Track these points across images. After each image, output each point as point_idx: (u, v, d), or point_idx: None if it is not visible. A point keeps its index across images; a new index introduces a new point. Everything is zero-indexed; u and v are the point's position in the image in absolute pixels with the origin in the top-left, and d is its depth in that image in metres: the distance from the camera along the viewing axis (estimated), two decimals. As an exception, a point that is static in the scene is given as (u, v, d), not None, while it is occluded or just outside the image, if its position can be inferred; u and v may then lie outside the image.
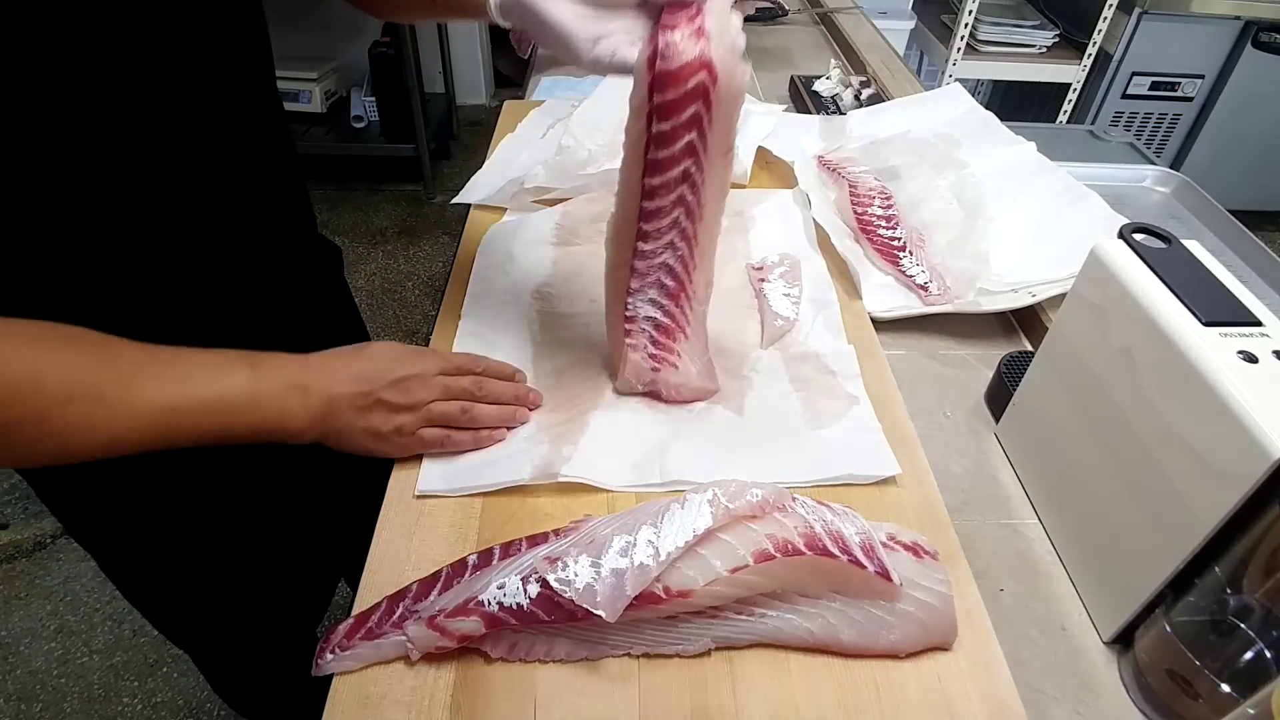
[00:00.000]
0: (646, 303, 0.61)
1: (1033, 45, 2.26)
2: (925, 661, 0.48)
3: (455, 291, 0.75)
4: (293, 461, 0.69)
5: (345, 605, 1.28)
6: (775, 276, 0.76)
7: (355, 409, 0.54)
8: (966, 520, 0.60)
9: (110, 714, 1.34)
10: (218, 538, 0.71)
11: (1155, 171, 1.08)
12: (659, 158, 0.52)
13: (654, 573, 0.45)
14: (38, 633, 1.44)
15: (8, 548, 1.57)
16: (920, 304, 0.77)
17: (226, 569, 0.74)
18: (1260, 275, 0.88)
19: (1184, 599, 0.46)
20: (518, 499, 0.57)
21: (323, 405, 0.52)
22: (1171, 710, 0.47)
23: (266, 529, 0.75)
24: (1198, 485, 0.44)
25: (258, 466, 0.66)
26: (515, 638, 0.47)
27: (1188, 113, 2.33)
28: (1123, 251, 0.52)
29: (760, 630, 0.48)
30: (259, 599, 0.79)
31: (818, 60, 1.38)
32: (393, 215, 2.64)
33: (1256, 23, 2.15)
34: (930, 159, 0.94)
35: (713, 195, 0.56)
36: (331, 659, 0.47)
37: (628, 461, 0.59)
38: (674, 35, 0.47)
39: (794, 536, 0.47)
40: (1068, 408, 0.57)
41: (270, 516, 0.74)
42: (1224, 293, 0.49)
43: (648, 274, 0.59)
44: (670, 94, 0.49)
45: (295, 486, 0.75)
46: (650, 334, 0.61)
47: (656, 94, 0.49)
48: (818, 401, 0.64)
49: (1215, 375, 0.43)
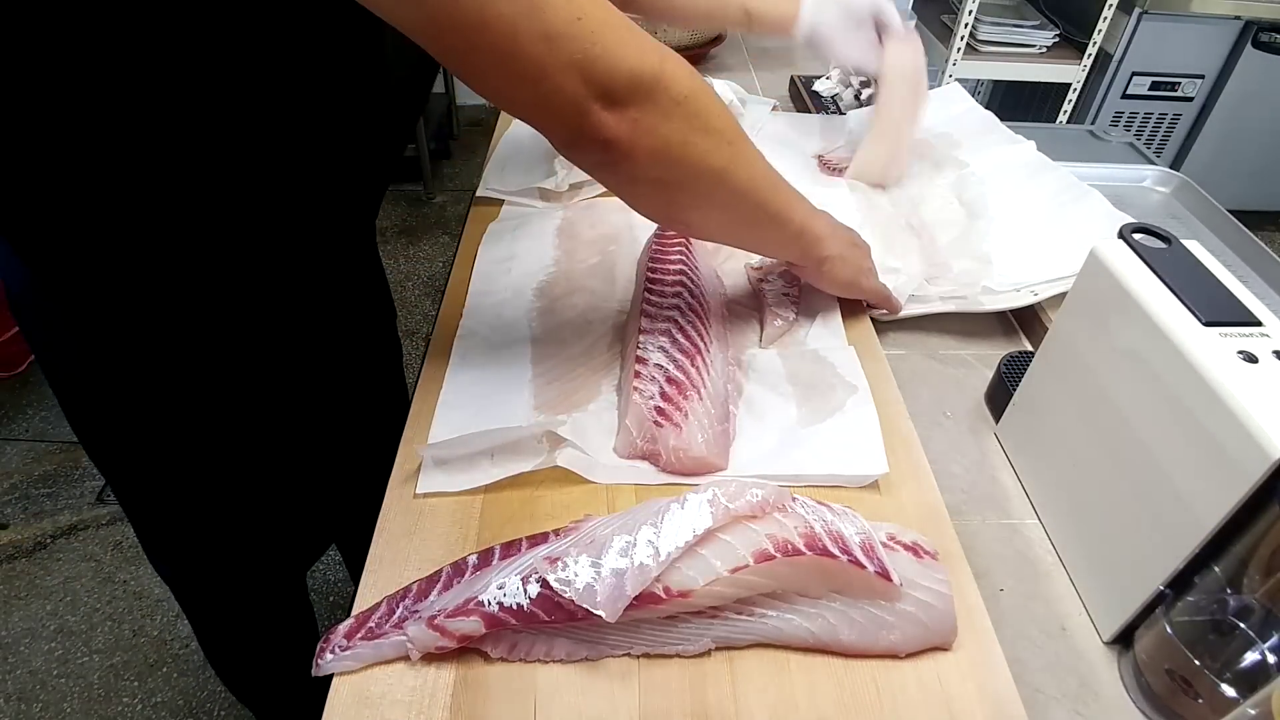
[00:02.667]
0: (657, 350, 0.61)
1: (1033, 45, 2.26)
2: (925, 661, 0.48)
3: (456, 290, 0.75)
4: (311, 399, 0.74)
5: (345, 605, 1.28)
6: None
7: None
8: (966, 520, 0.60)
9: (110, 714, 1.34)
10: (226, 455, 0.72)
11: (1155, 171, 1.08)
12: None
13: (654, 573, 0.45)
14: (38, 633, 1.44)
15: (8, 548, 1.57)
16: (922, 303, 0.77)
17: (231, 488, 0.75)
18: (1260, 275, 0.88)
19: (1184, 599, 0.46)
20: (518, 499, 0.57)
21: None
22: (1171, 710, 0.47)
23: (275, 455, 0.76)
24: (1198, 485, 0.44)
25: (279, 393, 0.70)
26: (515, 638, 0.47)
27: (1188, 113, 2.33)
28: (1123, 251, 0.52)
29: (760, 630, 0.48)
30: (255, 528, 0.81)
31: (818, 60, 1.37)
32: (393, 215, 2.64)
33: (1256, 23, 2.14)
34: (930, 159, 0.94)
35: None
36: (331, 659, 0.47)
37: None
38: None
39: (794, 536, 0.47)
40: (1068, 408, 0.57)
41: (280, 446, 0.76)
42: (1224, 293, 0.49)
43: (658, 318, 0.64)
44: None
45: (310, 422, 0.77)
46: (660, 384, 0.60)
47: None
48: (816, 401, 0.64)
49: (1215, 375, 0.43)
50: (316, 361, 0.74)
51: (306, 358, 0.72)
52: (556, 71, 0.46)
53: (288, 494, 0.80)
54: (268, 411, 0.71)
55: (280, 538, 0.85)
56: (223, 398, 0.67)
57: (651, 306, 0.66)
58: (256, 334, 0.66)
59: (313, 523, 0.90)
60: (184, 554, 0.82)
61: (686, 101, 0.51)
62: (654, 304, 0.66)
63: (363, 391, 0.87)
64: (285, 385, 0.71)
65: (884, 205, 0.89)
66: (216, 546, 0.80)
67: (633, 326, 0.66)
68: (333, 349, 0.76)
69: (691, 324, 0.64)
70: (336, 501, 0.89)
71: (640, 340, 0.63)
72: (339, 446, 0.83)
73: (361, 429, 0.86)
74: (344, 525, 0.99)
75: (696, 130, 0.52)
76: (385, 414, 0.90)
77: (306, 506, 0.85)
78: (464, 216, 0.87)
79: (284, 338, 0.69)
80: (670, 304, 0.66)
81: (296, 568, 0.93)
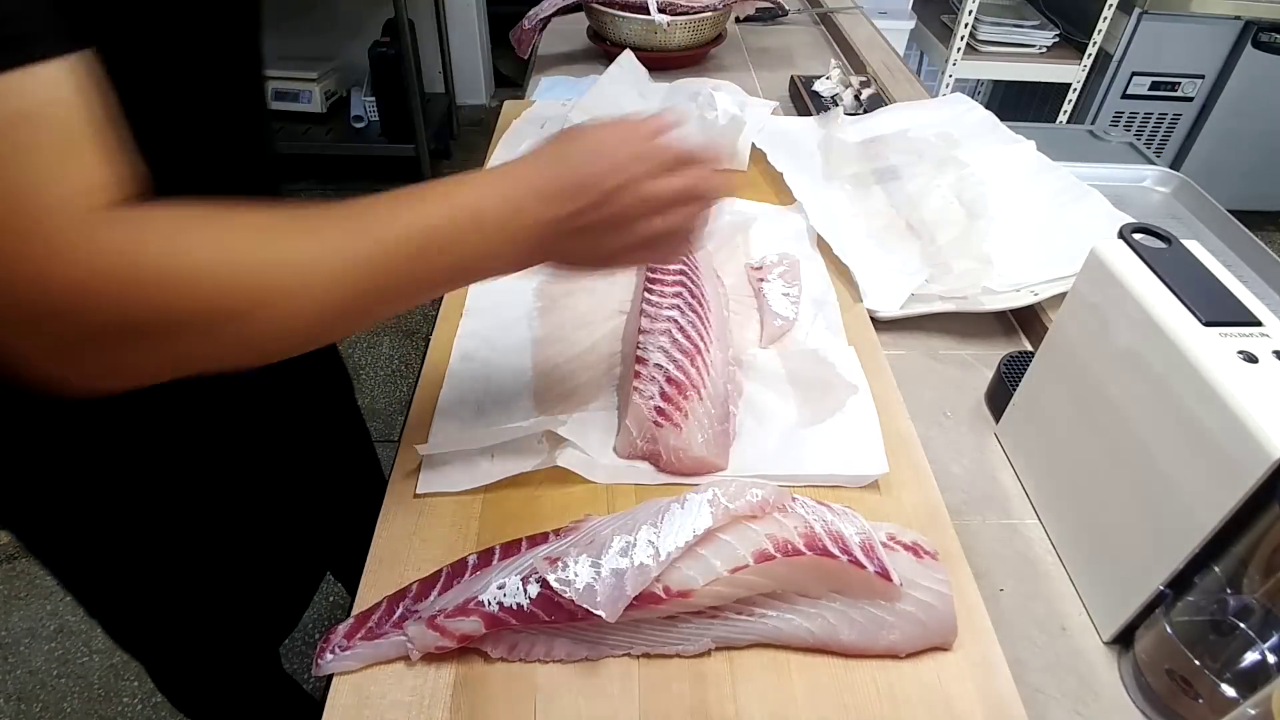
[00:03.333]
0: (657, 350, 0.61)
1: (1033, 45, 2.26)
2: (925, 661, 0.48)
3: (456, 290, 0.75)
4: (281, 461, 0.70)
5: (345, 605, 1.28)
6: (774, 276, 0.76)
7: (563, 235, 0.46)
8: (966, 520, 0.60)
9: (110, 714, 1.34)
10: (190, 538, 0.67)
11: (1155, 171, 1.08)
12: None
13: (654, 573, 0.45)
14: (38, 633, 1.44)
15: (8, 547, 1.56)
16: (922, 303, 0.77)
17: (199, 570, 0.70)
18: (1260, 275, 0.88)
19: (1184, 599, 0.46)
20: (518, 499, 0.57)
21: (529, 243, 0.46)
22: (1171, 710, 0.47)
23: (244, 533, 0.72)
24: (1198, 485, 0.44)
25: (241, 462, 0.66)
26: (515, 638, 0.47)
27: (1188, 113, 2.33)
28: (1123, 251, 0.52)
29: (760, 630, 0.48)
30: (227, 610, 0.75)
31: (818, 60, 1.38)
32: (393, 215, 2.63)
33: (1256, 23, 2.14)
34: (930, 158, 0.94)
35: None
36: (331, 659, 0.47)
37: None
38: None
39: (794, 536, 0.47)
40: (1068, 408, 0.57)
41: (249, 521, 0.72)
42: (1224, 293, 0.49)
43: (658, 318, 0.63)
44: None
45: (280, 489, 0.74)
46: (660, 384, 0.60)
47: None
48: (816, 401, 0.64)
49: (1215, 375, 0.43)
50: (273, 440, 0.70)
51: (262, 438, 0.68)
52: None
53: (250, 572, 0.75)
54: (223, 495, 0.66)
55: (245, 617, 0.79)
56: (173, 483, 0.62)
57: (651, 306, 0.66)
58: (208, 417, 0.61)
59: (280, 599, 0.84)
60: (149, 639, 0.76)
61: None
62: (654, 304, 0.66)
63: (325, 465, 0.82)
64: (240, 469, 0.67)
65: (883, 205, 0.89)
66: (179, 631, 0.74)
67: (633, 326, 0.66)
68: (288, 424, 0.72)
69: (691, 324, 0.64)
70: (305, 578, 0.85)
71: (640, 340, 0.63)
72: (301, 529, 0.79)
73: (325, 505, 0.81)
74: (338, 562, 0.95)
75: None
76: (357, 485, 0.86)
77: (272, 582, 0.80)
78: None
79: (234, 415, 0.64)
80: (670, 304, 0.66)
81: (266, 644, 0.88)
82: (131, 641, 0.76)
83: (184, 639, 0.76)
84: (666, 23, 1.21)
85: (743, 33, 1.47)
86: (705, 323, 0.66)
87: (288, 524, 0.77)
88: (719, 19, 1.28)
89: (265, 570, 0.77)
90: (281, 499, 0.74)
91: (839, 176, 0.93)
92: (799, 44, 1.46)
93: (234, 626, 0.78)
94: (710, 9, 1.24)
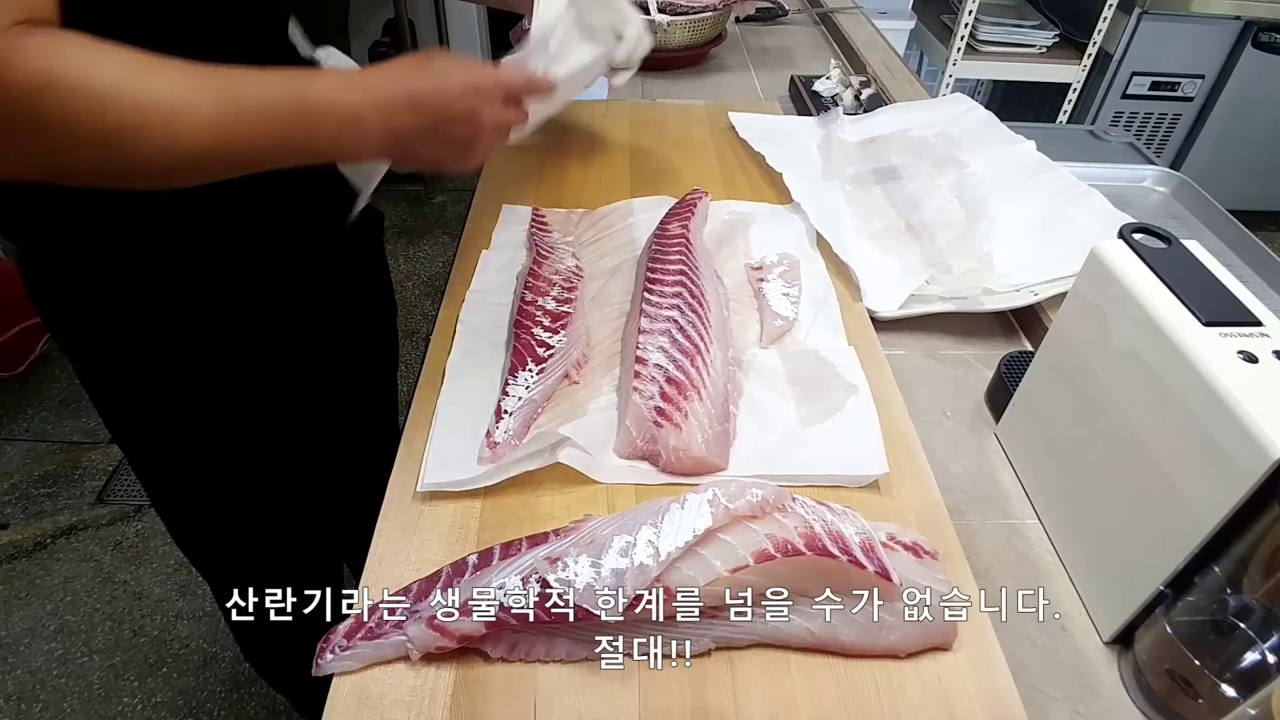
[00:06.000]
0: (657, 350, 0.61)
1: (1033, 45, 2.26)
2: (925, 661, 0.48)
3: (456, 290, 0.75)
4: (315, 386, 0.77)
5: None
6: (774, 276, 0.76)
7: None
8: (966, 520, 0.60)
9: (110, 714, 1.34)
10: (237, 435, 0.74)
11: (1155, 171, 1.08)
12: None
13: (654, 573, 0.45)
14: (38, 633, 1.44)
15: (8, 548, 1.56)
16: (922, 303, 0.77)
17: (244, 466, 0.77)
18: (1260, 275, 0.88)
19: (1184, 599, 0.46)
20: (518, 499, 0.57)
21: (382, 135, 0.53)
22: (1171, 710, 0.47)
23: (298, 457, 0.79)
24: (1198, 485, 0.44)
25: (285, 382, 0.73)
26: (515, 638, 0.47)
27: (1188, 113, 2.33)
28: (1123, 251, 0.52)
29: (760, 630, 0.48)
30: (285, 522, 0.83)
31: (818, 60, 1.38)
32: (392, 215, 2.64)
33: (1256, 23, 2.14)
34: (930, 158, 0.94)
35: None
36: (331, 659, 0.47)
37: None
38: None
39: (794, 536, 0.47)
40: (1068, 408, 0.57)
41: (286, 431, 0.77)
42: (1224, 293, 0.49)
43: (658, 318, 0.64)
44: None
45: (313, 408, 0.79)
46: (660, 384, 0.60)
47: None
48: (816, 401, 0.64)
49: (1215, 375, 0.43)
50: (322, 349, 0.75)
51: (312, 345, 0.74)
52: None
53: (297, 478, 0.81)
54: (274, 397, 0.73)
55: (298, 519, 0.86)
56: (233, 383, 0.69)
57: (651, 306, 0.66)
58: (264, 323, 0.67)
59: (323, 514, 0.91)
60: (212, 539, 0.83)
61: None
62: (654, 304, 0.66)
63: (361, 382, 0.89)
64: (290, 374, 0.73)
65: (883, 205, 0.89)
66: (241, 528, 0.81)
67: (633, 326, 0.66)
68: (337, 338, 0.78)
69: (691, 324, 0.64)
70: (341, 492, 0.90)
71: (640, 340, 0.63)
72: (339, 434, 0.85)
73: (358, 422, 0.88)
74: (348, 531, 0.99)
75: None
76: (379, 404, 0.95)
77: (315, 493, 0.86)
78: (464, 216, 0.87)
79: (290, 327, 0.70)
80: (670, 304, 0.66)
81: (326, 550, 0.94)
82: (195, 539, 0.83)
83: (243, 530, 0.82)
84: (666, 22, 1.21)
85: (743, 33, 1.47)
86: (705, 323, 0.66)
87: (322, 425, 0.82)
88: (719, 19, 1.28)
89: (303, 471, 0.83)
90: (321, 398, 0.79)
91: (839, 177, 0.93)
92: (799, 44, 1.46)
93: (287, 520, 0.84)
94: (710, 9, 1.24)
